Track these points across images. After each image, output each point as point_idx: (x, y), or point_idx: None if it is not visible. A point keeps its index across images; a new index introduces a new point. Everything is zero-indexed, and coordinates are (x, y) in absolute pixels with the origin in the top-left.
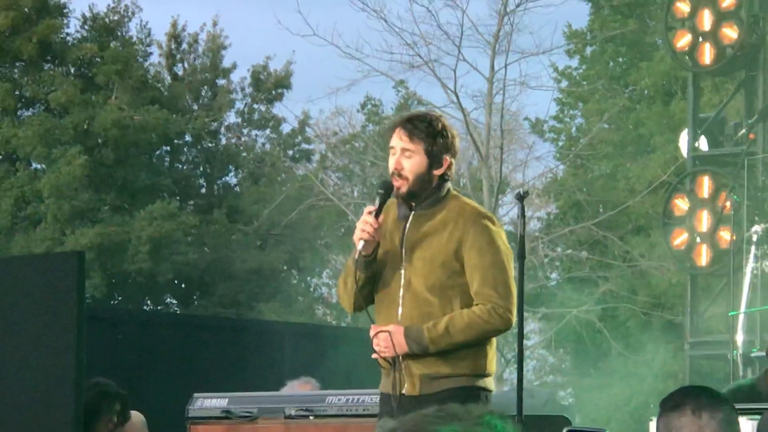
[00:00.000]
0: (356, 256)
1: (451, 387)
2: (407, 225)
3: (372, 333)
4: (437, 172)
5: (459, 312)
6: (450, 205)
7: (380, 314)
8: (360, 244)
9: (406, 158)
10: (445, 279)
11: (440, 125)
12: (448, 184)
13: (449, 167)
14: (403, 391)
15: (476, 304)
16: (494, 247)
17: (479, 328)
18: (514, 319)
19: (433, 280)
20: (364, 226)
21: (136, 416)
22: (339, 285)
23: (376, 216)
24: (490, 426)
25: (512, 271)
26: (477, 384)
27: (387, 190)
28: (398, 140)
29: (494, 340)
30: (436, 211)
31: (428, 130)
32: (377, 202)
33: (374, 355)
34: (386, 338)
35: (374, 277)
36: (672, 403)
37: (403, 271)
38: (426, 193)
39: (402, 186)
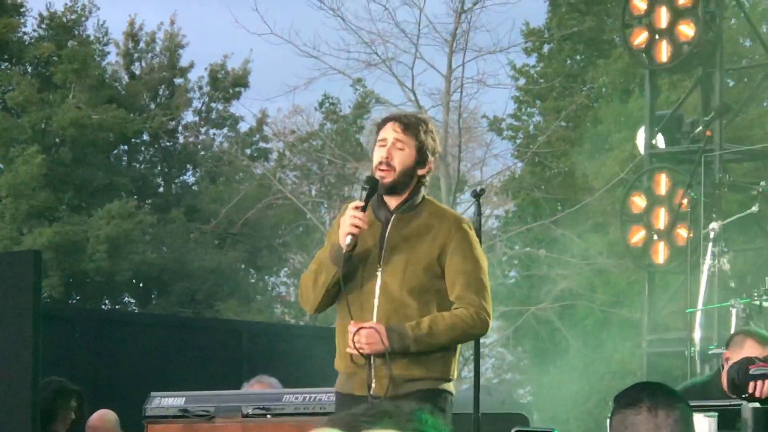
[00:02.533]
0: (342, 252)
1: (417, 390)
2: (388, 227)
3: (353, 329)
4: (421, 172)
5: (441, 314)
6: (428, 210)
7: (353, 314)
8: (347, 239)
9: (397, 150)
10: (426, 282)
11: (432, 127)
12: (425, 190)
13: (429, 170)
14: (371, 393)
15: (458, 308)
16: (476, 253)
17: (462, 331)
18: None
19: (413, 283)
20: (353, 221)
21: (109, 414)
22: (305, 283)
23: (363, 210)
24: (421, 421)
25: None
26: (442, 387)
27: (372, 185)
28: (392, 132)
29: (459, 345)
30: (414, 214)
31: (422, 128)
32: (363, 196)
33: (350, 350)
34: (371, 334)
35: (344, 276)
36: (627, 400)
37: (379, 273)
38: (404, 192)
39: (387, 176)
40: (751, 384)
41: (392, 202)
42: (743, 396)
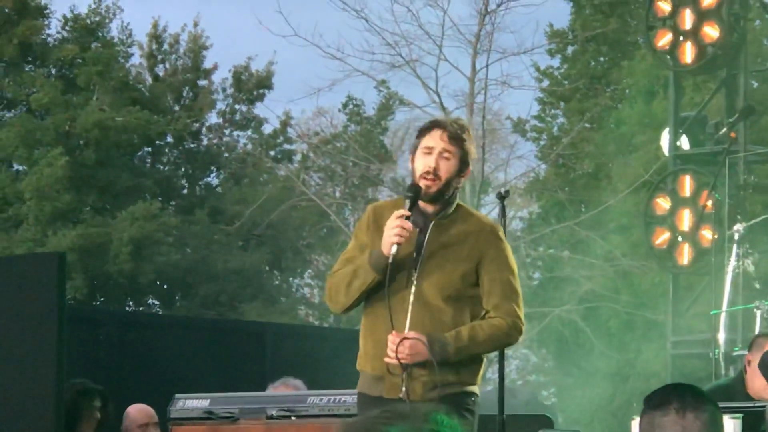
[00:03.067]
0: (386, 260)
1: (451, 393)
2: (427, 234)
3: (395, 339)
4: (459, 183)
5: (479, 323)
6: (464, 217)
7: (380, 319)
8: (393, 248)
9: (444, 159)
10: (462, 289)
11: (471, 134)
12: (457, 195)
13: (466, 177)
14: (400, 396)
15: (494, 317)
16: (511, 262)
17: (499, 341)
18: None
19: (450, 291)
20: (399, 231)
21: (148, 408)
22: (336, 284)
23: (407, 219)
24: (437, 422)
25: None
26: (470, 389)
27: (416, 193)
28: (439, 141)
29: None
30: (451, 221)
31: (466, 137)
32: (407, 205)
33: (389, 360)
34: (415, 345)
35: (379, 281)
36: (656, 401)
37: (415, 279)
38: (443, 199)
39: (433, 186)
40: None
41: (429, 208)
42: None
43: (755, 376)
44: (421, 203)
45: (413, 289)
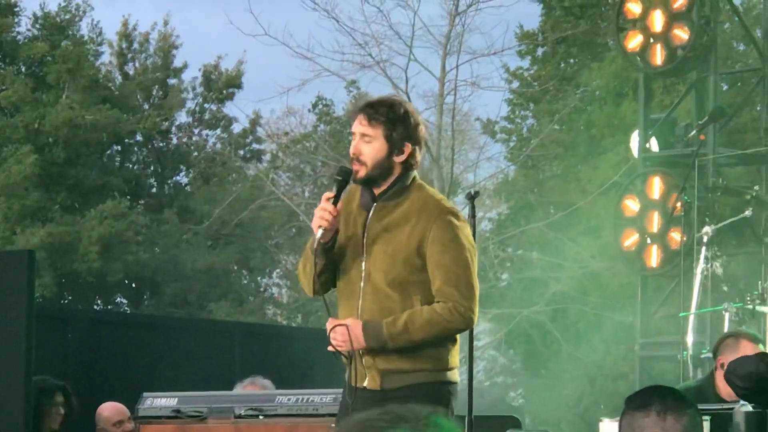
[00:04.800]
0: (314, 244)
1: (413, 383)
2: (369, 216)
3: (329, 326)
4: (398, 159)
5: (419, 309)
6: (413, 196)
7: (341, 305)
8: (318, 233)
9: (365, 143)
10: (407, 275)
11: (402, 110)
12: (414, 173)
13: (412, 155)
14: (365, 385)
15: (437, 302)
16: (457, 244)
17: (439, 326)
18: (476, 318)
19: (393, 275)
20: (322, 213)
21: (115, 406)
22: (299, 268)
23: (335, 203)
24: (437, 425)
25: (476, 268)
26: (440, 378)
27: (345, 176)
28: (359, 125)
29: (458, 335)
30: (399, 202)
31: (389, 115)
32: (335, 188)
33: (330, 348)
34: (343, 332)
35: (334, 264)
36: (637, 402)
37: (364, 264)
38: (387, 180)
39: (360, 171)
40: None
41: (376, 190)
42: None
43: None
44: (374, 188)
45: (363, 274)
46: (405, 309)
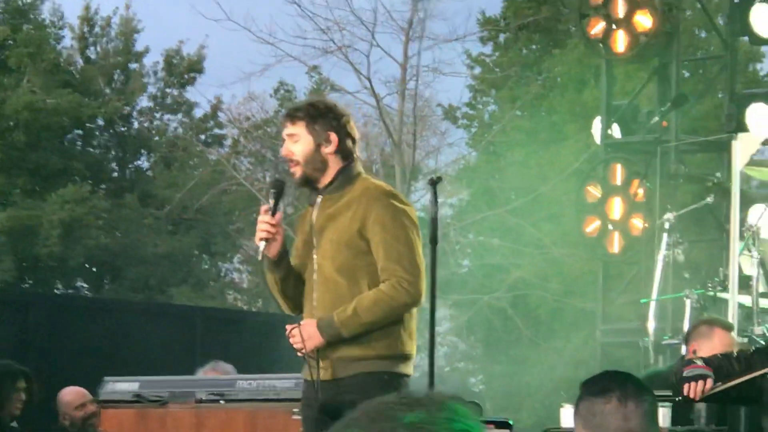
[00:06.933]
0: (260, 258)
1: (364, 371)
2: (315, 210)
3: (287, 332)
4: (327, 150)
5: (367, 293)
6: (357, 186)
7: (304, 302)
8: (261, 245)
9: (293, 143)
10: (352, 259)
11: (323, 106)
12: (358, 167)
13: (341, 144)
14: (320, 377)
15: (383, 281)
16: (398, 222)
17: (386, 304)
18: (423, 293)
19: (340, 261)
20: (261, 225)
21: (76, 390)
22: (269, 287)
23: (273, 213)
24: (452, 411)
25: (419, 247)
26: (392, 369)
27: (278, 186)
28: (284, 129)
29: (410, 322)
30: (344, 193)
31: (308, 111)
32: (271, 200)
33: (297, 350)
34: (304, 330)
35: (297, 274)
36: (597, 388)
37: (315, 256)
38: (327, 174)
39: (296, 171)
40: (685, 386)
41: (320, 186)
42: (678, 398)
43: None
44: (318, 185)
45: (315, 266)
46: (354, 295)
